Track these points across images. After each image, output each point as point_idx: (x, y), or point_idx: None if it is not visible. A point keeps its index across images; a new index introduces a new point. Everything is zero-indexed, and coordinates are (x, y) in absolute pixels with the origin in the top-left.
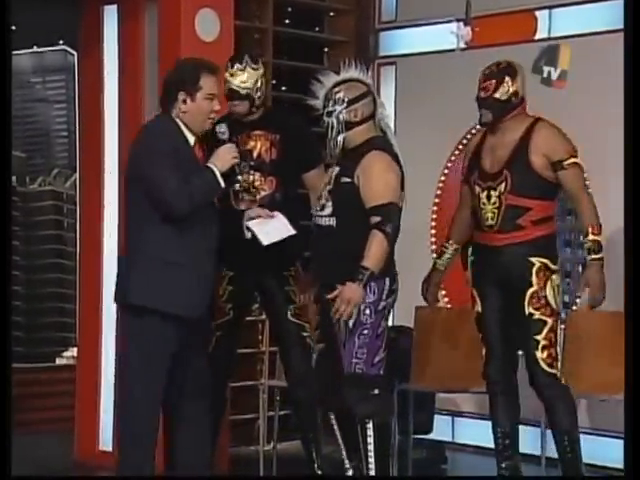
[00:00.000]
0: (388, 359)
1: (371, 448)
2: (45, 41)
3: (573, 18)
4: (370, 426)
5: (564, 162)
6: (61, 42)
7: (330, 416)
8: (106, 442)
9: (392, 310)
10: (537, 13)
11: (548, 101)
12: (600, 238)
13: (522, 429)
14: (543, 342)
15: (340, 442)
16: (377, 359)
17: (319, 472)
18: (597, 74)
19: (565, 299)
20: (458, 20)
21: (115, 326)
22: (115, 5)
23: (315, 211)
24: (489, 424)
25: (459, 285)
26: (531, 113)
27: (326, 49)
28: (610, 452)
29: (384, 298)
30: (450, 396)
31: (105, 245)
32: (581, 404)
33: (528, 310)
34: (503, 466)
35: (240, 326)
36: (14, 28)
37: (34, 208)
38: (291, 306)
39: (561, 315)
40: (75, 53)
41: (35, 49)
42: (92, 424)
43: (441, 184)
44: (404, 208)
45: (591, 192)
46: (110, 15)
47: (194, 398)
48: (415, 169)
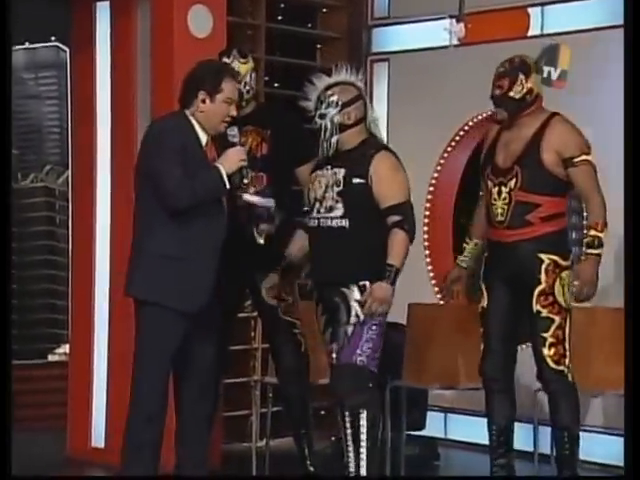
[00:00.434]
0: (381, 355)
1: (364, 438)
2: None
3: (565, 15)
4: (364, 416)
5: (575, 159)
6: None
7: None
8: (98, 439)
9: None
10: (529, 10)
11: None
12: (602, 235)
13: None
14: (550, 339)
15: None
16: (376, 355)
17: (311, 469)
18: (588, 71)
19: None
20: (451, 17)
21: (107, 322)
22: (107, 1)
23: (318, 213)
24: (482, 420)
25: None
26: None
27: (319, 45)
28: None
29: None
30: (443, 392)
31: (97, 242)
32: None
33: (536, 308)
34: (497, 463)
35: (232, 323)
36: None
37: (26, 204)
38: (282, 303)
39: (571, 310)
40: (67, 49)
41: (27, 45)
42: (84, 421)
43: (434, 181)
44: None
45: (601, 190)
46: (102, 11)
47: (197, 391)
48: (408, 166)
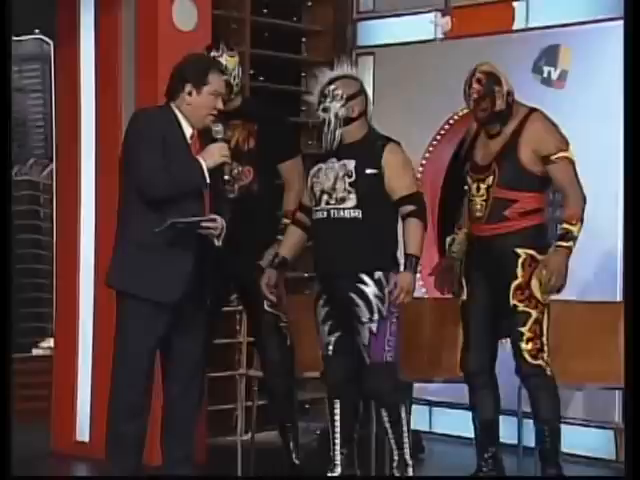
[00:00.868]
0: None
1: (405, 429)
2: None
3: (550, 9)
4: (404, 409)
5: (552, 156)
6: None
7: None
8: (83, 433)
9: None
10: (515, 4)
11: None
12: (575, 229)
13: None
14: (528, 334)
15: (390, 435)
16: (397, 347)
17: (297, 462)
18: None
19: None
20: (437, 10)
21: (92, 316)
22: None
23: (327, 205)
24: (466, 414)
25: None
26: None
27: (304, 39)
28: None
29: None
30: (427, 386)
31: (82, 235)
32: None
33: (513, 302)
34: (483, 457)
35: (217, 316)
36: None
37: None
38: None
39: (549, 305)
40: (51, 42)
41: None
42: (69, 415)
43: (419, 174)
44: None
45: (582, 185)
46: (87, 4)
47: (180, 382)
48: None
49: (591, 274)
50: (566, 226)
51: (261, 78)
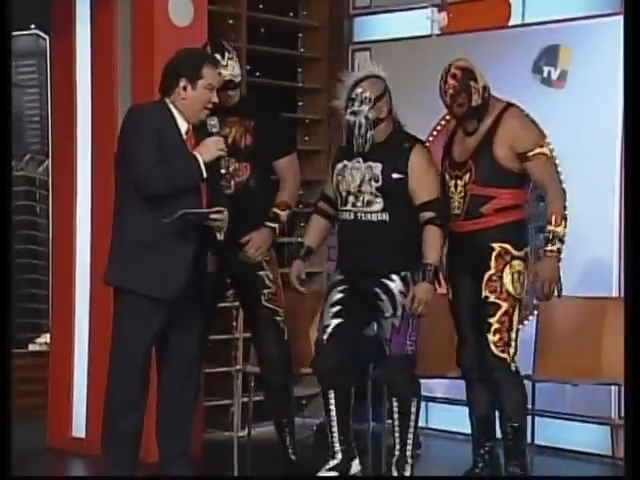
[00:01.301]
0: (363, 345)
1: (412, 425)
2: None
3: (546, 4)
4: (414, 404)
5: (529, 153)
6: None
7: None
8: (79, 428)
9: None
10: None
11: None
12: (560, 229)
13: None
14: (496, 325)
15: (396, 427)
16: (417, 341)
17: (293, 457)
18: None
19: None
20: (433, 6)
21: (88, 312)
22: None
23: (354, 207)
24: (463, 409)
25: None
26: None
27: (300, 34)
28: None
29: None
30: (424, 381)
31: (78, 231)
32: (559, 389)
33: (484, 293)
34: (479, 452)
35: (213, 312)
36: None
37: None
38: (265, 291)
39: (522, 301)
40: (47, 37)
41: None
42: (65, 410)
43: None
44: None
45: (562, 180)
46: None
47: (177, 378)
48: None
49: (585, 270)
50: (550, 228)
51: (257, 74)
